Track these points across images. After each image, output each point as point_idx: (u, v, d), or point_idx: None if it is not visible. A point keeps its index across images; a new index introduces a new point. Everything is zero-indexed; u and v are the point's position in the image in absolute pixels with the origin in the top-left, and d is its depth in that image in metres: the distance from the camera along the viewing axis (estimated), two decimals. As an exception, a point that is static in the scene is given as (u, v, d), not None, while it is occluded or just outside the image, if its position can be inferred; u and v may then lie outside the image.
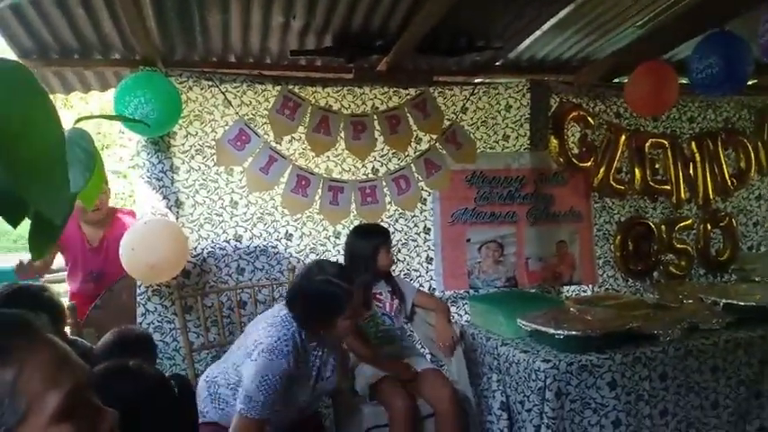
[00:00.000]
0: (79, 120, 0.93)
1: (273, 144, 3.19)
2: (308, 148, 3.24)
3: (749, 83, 3.98)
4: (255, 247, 3.19)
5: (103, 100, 6.74)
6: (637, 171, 3.74)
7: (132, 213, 3.42)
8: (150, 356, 2.22)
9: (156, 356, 2.40)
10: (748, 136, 3.97)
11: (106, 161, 3.56)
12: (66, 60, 3.00)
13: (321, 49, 3.21)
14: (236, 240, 3.16)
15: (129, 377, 1.35)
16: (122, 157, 9.35)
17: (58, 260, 3.30)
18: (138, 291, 2.97)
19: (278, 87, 3.20)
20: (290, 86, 3.22)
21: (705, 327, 2.66)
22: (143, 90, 2.72)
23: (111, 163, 9.00)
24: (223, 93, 3.10)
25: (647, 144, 3.76)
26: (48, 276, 3.59)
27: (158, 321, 2.98)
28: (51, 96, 2.28)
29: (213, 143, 3.10)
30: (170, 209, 3.04)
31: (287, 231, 3.24)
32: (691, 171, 3.86)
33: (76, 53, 2.99)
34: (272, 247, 3.21)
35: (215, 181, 3.12)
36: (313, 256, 3.25)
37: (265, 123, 3.19)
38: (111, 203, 3.58)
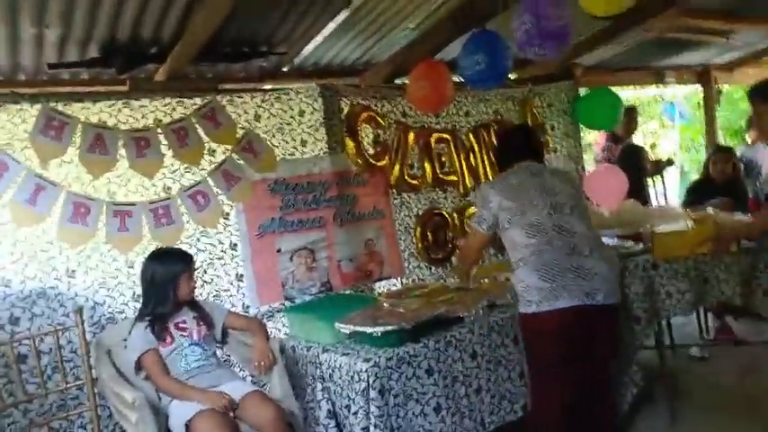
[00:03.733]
0: None
1: (39, 170, 2.78)
2: (84, 170, 2.88)
3: (512, 77, 4.48)
4: (30, 291, 2.75)
5: None
6: (427, 166, 3.96)
7: None
8: None
9: None
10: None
11: None
12: None
13: (86, 60, 2.88)
14: (5, 286, 2.70)
15: None
16: None
17: None
18: None
19: (37, 106, 2.79)
20: (53, 104, 2.83)
21: (501, 302, 2.90)
22: None
23: None
24: (-35, 115, 2.62)
25: (433, 139, 4.01)
26: None
27: None
28: None
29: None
30: None
31: (68, 268, 2.84)
32: (472, 161, 4.20)
33: None
34: (52, 288, 2.79)
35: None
36: (103, 292, 2.90)
37: (26, 148, 2.76)
38: None
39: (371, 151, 3.73)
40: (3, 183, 2.69)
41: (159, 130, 3.08)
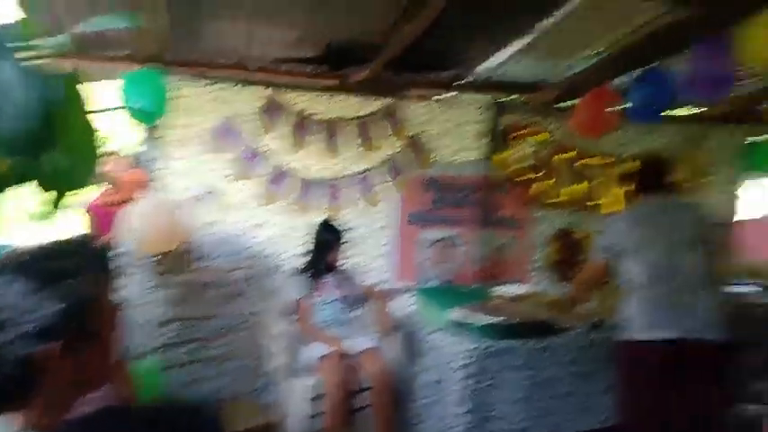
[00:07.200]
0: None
1: (256, 142, 3.60)
2: (288, 145, 3.65)
3: (685, 113, 4.44)
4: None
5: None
6: (574, 187, 4.19)
7: None
8: None
9: None
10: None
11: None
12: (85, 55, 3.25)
13: (306, 58, 3.58)
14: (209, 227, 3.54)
15: None
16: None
17: None
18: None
19: (263, 90, 3.60)
20: (274, 90, 3.62)
21: (609, 323, 3.05)
22: (144, 85, 3.10)
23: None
24: (212, 93, 3.50)
25: (586, 163, 4.21)
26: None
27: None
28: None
29: (202, 134, 3.50)
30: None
31: (256, 223, 3.64)
32: (628, 188, 4.27)
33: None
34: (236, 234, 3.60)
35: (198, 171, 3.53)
36: (282, 242, 3.66)
37: (248, 122, 3.59)
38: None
39: (522, 165, 4.07)
40: (231, 146, 3.56)
41: (348, 123, 3.76)
